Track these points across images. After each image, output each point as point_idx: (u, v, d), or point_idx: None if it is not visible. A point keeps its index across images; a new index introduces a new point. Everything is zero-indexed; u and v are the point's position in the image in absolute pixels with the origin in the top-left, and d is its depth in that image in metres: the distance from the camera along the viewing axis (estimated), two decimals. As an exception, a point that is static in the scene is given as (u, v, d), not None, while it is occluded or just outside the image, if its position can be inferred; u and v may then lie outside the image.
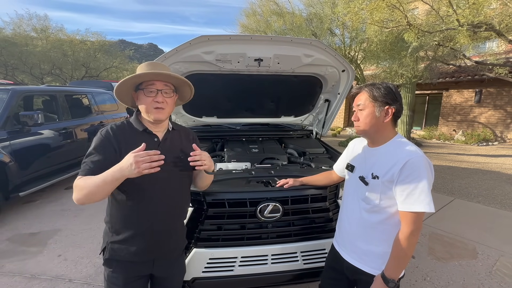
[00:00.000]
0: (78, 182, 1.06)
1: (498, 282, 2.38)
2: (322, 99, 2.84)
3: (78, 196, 1.05)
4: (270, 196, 1.65)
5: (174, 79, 1.20)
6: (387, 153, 1.16)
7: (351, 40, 8.77)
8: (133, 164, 0.96)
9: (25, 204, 4.00)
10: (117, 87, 1.17)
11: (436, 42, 6.07)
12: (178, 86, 1.27)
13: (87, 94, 5.45)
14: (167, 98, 1.19)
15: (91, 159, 1.10)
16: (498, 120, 9.95)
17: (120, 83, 1.16)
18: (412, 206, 1.04)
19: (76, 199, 1.06)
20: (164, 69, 1.19)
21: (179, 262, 1.38)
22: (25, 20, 14.54)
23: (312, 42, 2.14)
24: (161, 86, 1.17)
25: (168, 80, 1.19)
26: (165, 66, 1.25)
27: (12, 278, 2.36)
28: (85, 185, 1.03)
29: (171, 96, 1.22)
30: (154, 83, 1.16)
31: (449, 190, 4.85)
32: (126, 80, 1.15)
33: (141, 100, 1.18)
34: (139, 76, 1.14)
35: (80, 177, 1.07)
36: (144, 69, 1.18)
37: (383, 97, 1.14)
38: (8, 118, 3.49)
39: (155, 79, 1.16)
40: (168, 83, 1.20)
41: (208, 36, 1.97)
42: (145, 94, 1.16)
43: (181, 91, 1.31)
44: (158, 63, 1.23)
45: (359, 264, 1.23)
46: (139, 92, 1.19)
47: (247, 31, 11.45)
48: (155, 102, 1.16)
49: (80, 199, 1.05)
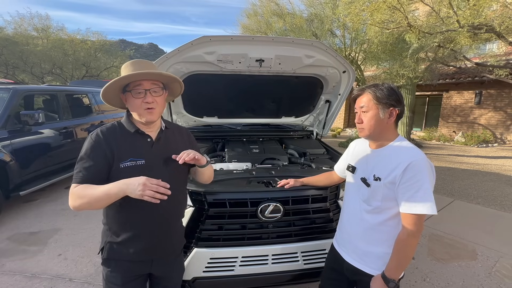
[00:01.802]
0: (75, 191, 1.04)
1: (498, 283, 2.38)
2: (323, 100, 2.84)
3: (75, 204, 1.04)
4: (271, 196, 1.66)
5: (162, 77, 1.16)
6: (389, 155, 1.16)
7: (352, 41, 8.79)
8: (140, 185, 0.96)
9: (26, 203, 4.00)
10: (103, 92, 1.13)
11: (437, 43, 6.08)
12: (166, 83, 1.22)
13: (87, 94, 5.45)
14: (157, 97, 1.14)
15: (83, 165, 1.08)
16: (498, 122, 9.96)
17: (105, 88, 1.11)
18: (414, 208, 1.04)
19: (73, 206, 1.05)
20: (150, 67, 1.14)
21: (178, 261, 1.38)
22: (27, 19, 14.59)
23: (313, 43, 2.14)
24: (149, 85, 1.12)
25: (156, 78, 1.14)
26: (151, 63, 1.19)
27: (12, 277, 2.36)
28: (84, 195, 1.02)
29: (161, 94, 1.16)
30: (141, 83, 1.11)
31: (449, 191, 4.85)
32: (112, 83, 1.10)
33: (131, 103, 1.13)
34: (125, 78, 1.09)
35: (77, 185, 1.05)
36: (129, 69, 1.12)
37: (387, 98, 1.13)
38: (9, 117, 3.50)
39: (142, 79, 1.11)
40: (156, 81, 1.15)
41: (210, 37, 1.98)
42: (133, 96, 1.11)
43: (171, 87, 1.27)
44: (142, 60, 1.17)
45: (359, 265, 1.23)
46: (127, 94, 1.14)
47: (247, 31, 11.47)
48: (145, 103, 1.11)
49: (77, 207, 1.04)
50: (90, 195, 1.02)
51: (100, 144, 1.10)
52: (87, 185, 1.05)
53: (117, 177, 1.09)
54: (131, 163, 1.12)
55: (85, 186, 1.04)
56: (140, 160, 1.14)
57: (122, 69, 1.16)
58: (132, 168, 1.12)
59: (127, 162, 1.11)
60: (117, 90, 1.16)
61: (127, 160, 1.12)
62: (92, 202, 1.02)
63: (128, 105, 1.16)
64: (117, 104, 1.25)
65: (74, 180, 1.08)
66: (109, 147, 1.11)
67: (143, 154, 1.15)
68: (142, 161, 1.14)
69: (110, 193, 1.00)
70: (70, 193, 1.06)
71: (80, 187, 1.04)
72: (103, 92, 1.14)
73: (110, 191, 1.00)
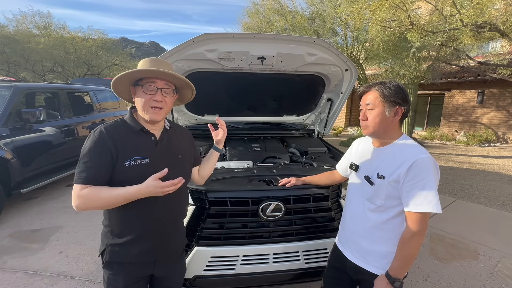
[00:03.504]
0: (85, 194, 1.01)
1: (500, 284, 2.37)
2: (325, 98, 2.83)
3: (83, 206, 1.03)
4: (272, 195, 1.65)
5: (177, 80, 1.16)
6: (393, 153, 1.14)
7: (354, 40, 8.75)
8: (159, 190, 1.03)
9: (27, 201, 4.01)
10: (116, 79, 1.12)
11: (439, 42, 6.04)
12: (179, 87, 1.23)
13: (89, 92, 5.45)
14: (167, 98, 1.14)
15: (87, 165, 1.04)
16: (500, 121, 9.91)
17: (119, 76, 1.11)
18: (419, 207, 1.03)
19: (79, 207, 1.03)
20: (168, 68, 1.15)
21: (179, 261, 1.37)
22: (28, 17, 14.59)
23: (316, 41, 2.13)
24: (162, 84, 1.13)
25: (170, 79, 1.15)
26: (169, 64, 1.19)
27: (14, 274, 2.37)
28: (96, 198, 1.02)
29: (171, 96, 1.17)
30: (155, 81, 1.11)
31: (450, 191, 4.83)
32: (127, 74, 1.10)
33: (140, 97, 1.12)
34: (142, 72, 1.09)
35: (83, 187, 1.02)
36: (147, 65, 1.13)
37: (393, 96, 1.12)
38: (10, 115, 3.50)
39: (157, 77, 1.12)
40: (170, 82, 1.15)
41: (212, 34, 1.96)
42: (144, 91, 1.11)
43: (182, 93, 1.28)
44: (162, 60, 1.18)
45: (363, 264, 1.22)
46: (137, 87, 1.13)
47: (249, 30, 11.45)
48: (153, 100, 1.11)
49: (83, 209, 1.03)
50: (103, 198, 1.02)
51: (105, 142, 1.07)
52: (98, 188, 1.03)
53: (121, 176, 1.08)
54: (136, 161, 1.10)
55: (97, 190, 1.03)
56: (145, 158, 1.12)
57: (140, 63, 1.16)
58: (136, 167, 1.10)
59: (132, 161, 1.09)
60: (129, 81, 1.16)
61: (132, 159, 1.09)
62: (104, 205, 1.05)
63: (136, 98, 1.15)
64: (125, 96, 1.24)
65: (77, 181, 1.03)
66: (114, 145, 1.08)
67: (148, 152, 1.14)
68: (147, 159, 1.12)
69: (127, 197, 1.03)
70: (78, 196, 1.02)
71: (91, 191, 1.02)
72: (116, 79, 1.12)
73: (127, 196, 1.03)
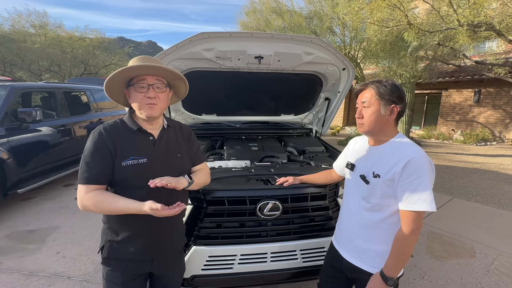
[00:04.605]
0: (91, 197, 1.05)
1: (496, 281, 2.39)
2: (322, 97, 2.83)
3: (90, 208, 1.06)
4: (269, 194, 1.65)
5: (165, 73, 1.15)
6: (389, 152, 1.15)
7: (351, 39, 8.76)
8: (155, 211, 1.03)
9: (24, 201, 3.99)
10: (107, 83, 1.11)
11: (436, 41, 6.06)
12: (171, 81, 1.22)
13: (86, 91, 5.42)
14: (159, 93, 1.14)
15: (88, 165, 1.08)
16: (497, 120, 9.98)
17: (108, 79, 1.10)
18: (413, 205, 1.04)
19: (85, 208, 1.07)
20: (155, 63, 1.14)
21: (178, 260, 1.38)
22: (24, 16, 14.47)
23: (313, 40, 2.13)
24: (153, 80, 1.12)
25: (159, 73, 1.14)
26: (157, 60, 1.19)
27: (10, 275, 2.35)
28: (102, 202, 1.06)
29: (164, 91, 1.17)
30: (145, 78, 1.11)
31: (447, 189, 4.86)
32: (114, 75, 1.09)
33: (133, 97, 1.13)
34: (129, 69, 1.09)
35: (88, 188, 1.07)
36: (135, 63, 1.13)
37: (389, 95, 1.12)
38: (6, 115, 3.47)
39: (145, 73, 1.11)
40: (160, 77, 1.15)
41: (209, 33, 1.96)
42: (136, 90, 1.11)
43: (175, 87, 1.28)
44: (149, 57, 1.18)
45: (359, 263, 1.23)
46: (130, 88, 1.14)
47: (246, 29, 11.41)
48: (147, 98, 1.11)
49: (90, 210, 1.07)
50: (108, 204, 1.06)
51: (104, 142, 1.10)
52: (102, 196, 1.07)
53: (119, 175, 1.10)
54: (133, 161, 1.12)
55: (102, 195, 1.07)
56: (142, 158, 1.13)
57: (129, 63, 1.15)
58: (134, 167, 1.11)
59: (129, 160, 1.11)
60: (121, 84, 1.16)
61: (129, 158, 1.11)
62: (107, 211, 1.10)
63: (131, 100, 1.16)
64: (120, 100, 1.25)
65: (81, 181, 1.07)
66: (113, 144, 1.10)
67: (146, 152, 1.15)
68: (144, 159, 1.14)
69: (130, 210, 1.05)
70: (84, 198, 1.06)
71: (97, 196, 1.06)
72: (106, 84, 1.12)
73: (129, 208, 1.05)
